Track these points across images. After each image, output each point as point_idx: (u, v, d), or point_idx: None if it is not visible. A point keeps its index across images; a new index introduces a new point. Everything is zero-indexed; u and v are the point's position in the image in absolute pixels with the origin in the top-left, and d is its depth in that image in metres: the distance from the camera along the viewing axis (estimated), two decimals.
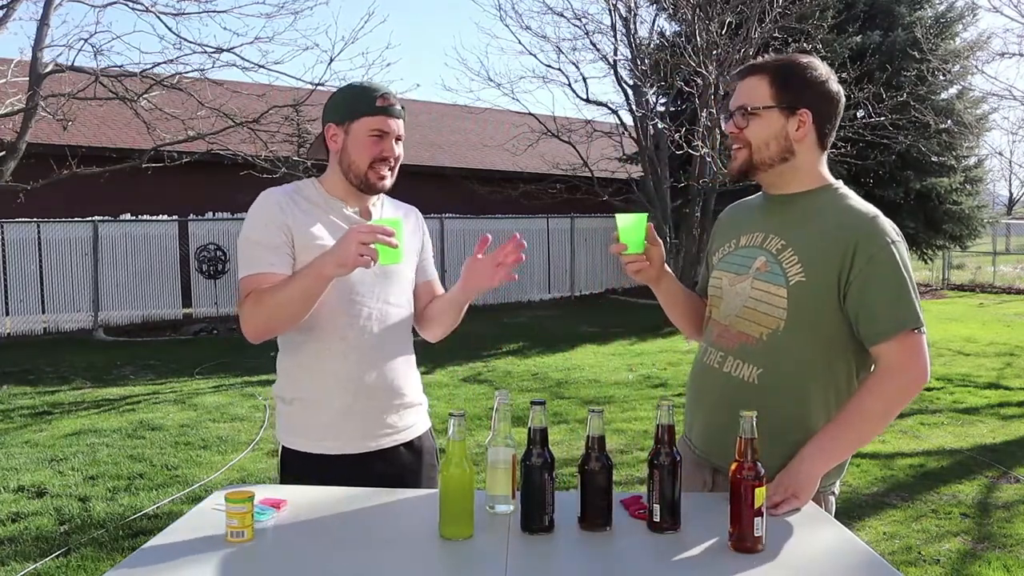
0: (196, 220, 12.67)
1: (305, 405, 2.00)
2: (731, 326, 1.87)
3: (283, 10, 10.36)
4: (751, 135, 1.81)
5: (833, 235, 1.75)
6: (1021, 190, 43.44)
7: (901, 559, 3.71)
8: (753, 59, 2.12)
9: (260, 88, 10.76)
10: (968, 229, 16.27)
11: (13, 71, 8.99)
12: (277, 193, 2.00)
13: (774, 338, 1.79)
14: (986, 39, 15.71)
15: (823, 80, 1.81)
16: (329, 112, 2.02)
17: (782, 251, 1.81)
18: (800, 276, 1.76)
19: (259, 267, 1.92)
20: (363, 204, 2.06)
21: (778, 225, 1.85)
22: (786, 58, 1.85)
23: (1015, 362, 8.90)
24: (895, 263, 1.71)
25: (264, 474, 5.06)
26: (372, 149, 1.96)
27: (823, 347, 1.78)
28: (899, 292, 1.71)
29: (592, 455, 1.58)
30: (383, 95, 1.96)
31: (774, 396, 1.77)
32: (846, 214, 1.78)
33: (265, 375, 8.20)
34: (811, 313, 1.76)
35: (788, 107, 1.78)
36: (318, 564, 1.47)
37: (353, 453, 1.99)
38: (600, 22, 18.06)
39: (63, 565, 3.69)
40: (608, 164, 15.80)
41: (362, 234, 1.74)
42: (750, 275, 1.85)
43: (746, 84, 1.82)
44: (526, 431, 1.60)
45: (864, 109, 12.80)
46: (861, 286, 1.71)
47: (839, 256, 1.73)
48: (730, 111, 1.85)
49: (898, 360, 1.72)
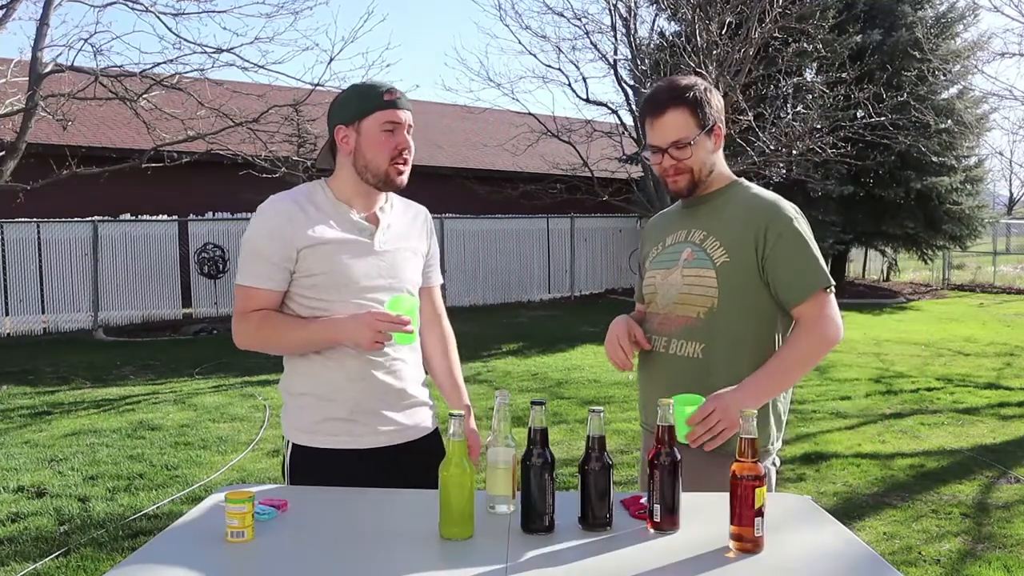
0: (196, 220, 12.67)
1: (313, 400, 2.00)
2: (670, 313, 2.05)
3: (283, 10, 10.37)
4: (692, 162, 2.02)
5: (745, 219, 2.00)
6: (1021, 190, 43.45)
7: (901, 559, 3.71)
8: (753, 59, 2.17)
9: (260, 88, 10.77)
10: (968, 229, 16.25)
11: (13, 71, 8.99)
12: (286, 201, 1.98)
13: (711, 315, 1.98)
14: (986, 39, 15.73)
15: (715, 94, 2.04)
16: (336, 114, 2.00)
17: (705, 239, 2.03)
18: (724, 257, 1.98)
19: (255, 280, 1.95)
20: (371, 207, 2.04)
21: (698, 221, 2.08)
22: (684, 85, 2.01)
23: (1015, 362, 8.90)
24: (800, 236, 1.97)
25: (264, 474, 5.06)
26: (388, 143, 1.94)
27: (755, 320, 1.99)
28: (807, 259, 1.97)
29: (592, 455, 1.58)
30: (389, 89, 1.96)
31: (716, 368, 1.97)
32: (754, 201, 2.04)
33: (265, 375, 8.20)
34: (739, 288, 1.97)
35: (708, 129, 2.01)
36: (318, 564, 1.47)
37: (360, 449, 1.99)
38: (600, 22, 18.04)
39: (63, 565, 3.69)
40: (608, 164, 15.79)
41: (380, 323, 1.84)
42: (679, 266, 2.05)
43: (669, 120, 1.99)
44: (526, 431, 1.60)
45: (864, 109, 12.81)
46: (775, 259, 1.96)
47: (753, 237, 1.97)
48: (659, 148, 2.01)
49: (813, 315, 1.95)
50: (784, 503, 1.78)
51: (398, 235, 2.06)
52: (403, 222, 2.11)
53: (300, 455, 2.01)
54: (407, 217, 2.13)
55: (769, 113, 11.85)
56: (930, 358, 9.15)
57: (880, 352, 9.48)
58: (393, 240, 2.04)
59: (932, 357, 9.22)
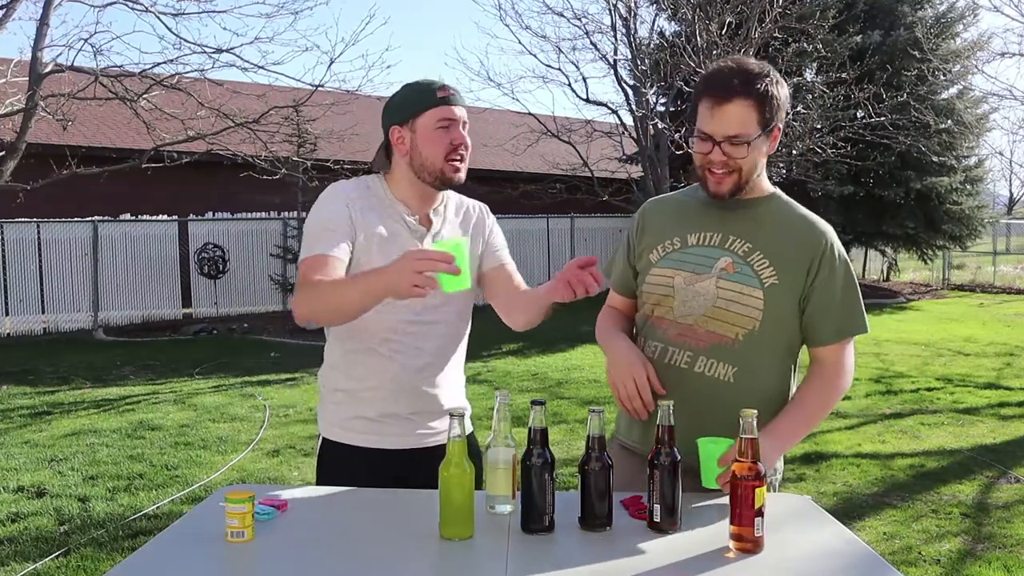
0: (196, 220, 12.67)
1: (347, 397, 2.01)
2: (698, 325, 1.85)
3: (283, 10, 10.40)
4: (744, 163, 1.80)
5: (798, 241, 1.86)
6: (1021, 190, 43.44)
7: (901, 559, 3.71)
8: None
9: (260, 88, 10.77)
10: (968, 229, 16.25)
11: (13, 71, 9.00)
12: (347, 186, 1.99)
13: (750, 338, 1.83)
14: (986, 39, 15.72)
15: (784, 87, 1.82)
16: (390, 116, 1.98)
17: (750, 253, 1.85)
18: (774, 279, 1.83)
19: (319, 249, 1.88)
20: (426, 208, 2.01)
21: (735, 228, 1.88)
22: (758, 74, 1.77)
23: (1015, 362, 8.90)
24: (851, 274, 1.88)
25: (264, 474, 5.05)
26: (443, 139, 1.92)
27: (786, 349, 1.90)
28: (855, 301, 1.88)
29: (592, 455, 1.58)
30: (442, 87, 1.95)
31: (748, 395, 1.79)
32: (804, 223, 1.89)
33: (265, 375, 8.21)
34: (782, 315, 1.84)
35: (769, 130, 1.80)
36: (318, 564, 1.47)
37: (390, 449, 1.99)
38: (600, 22, 18.03)
39: (63, 565, 3.69)
40: (608, 164, 15.80)
41: (418, 262, 1.59)
42: (713, 275, 1.85)
43: (734, 110, 1.75)
44: (526, 431, 1.60)
45: (864, 109, 12.81)
46: (823, 292, 1.84)
47: (807, 263, 1.84)
48: (713, 139, 1.77)
49: (834, 361, 1.87)
50: (784, 503, 1.78)
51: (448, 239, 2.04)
52: (454, 224, 2.08)
53: (331, 450, 2.03)
54: (459, 219, 2.10)
55: None
56: (930, 358, 9.15)
57: (880, 352, 9.48)
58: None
59: (932, 357, 9.22)
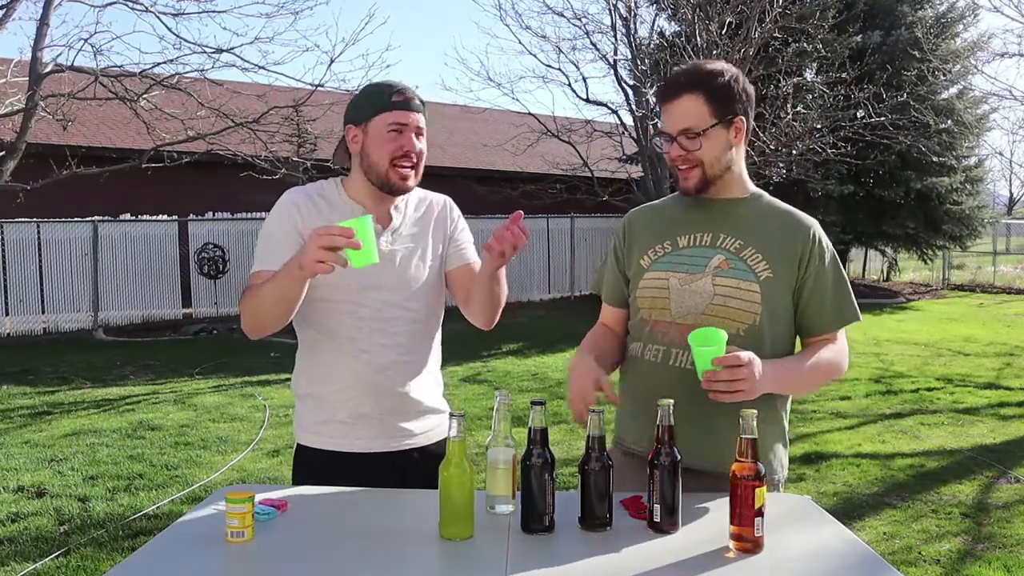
0: (196, 220, 12.66)
1: (317, 402, 2.00)
2: (698, 324, 1.81)
3: (283, 10, 10.39)
4: (702, 155, 1.85)
5: (785, 235, 1.89)
6: (1021, 190, 43.50)
7: (901, 559, 3.71)
8: (753, 59, 2.10)
9: (260, 88, 10.77)
10: (968, 229, 16.26)
11: (13, 71, 9.00)
12: (298, 193, 2.00)
13: (752, 332, 1.83)
14: (986, 39, 15.74)
15: (743, 82, 1.89)
16: (349, 114, 1.99)
17: (742, 249, 1.87)
18: (768, 272, 1.85)
19: (257, 265, 1.93)
20: (383, 209, 2.01)
21: (723, 227, 1.91)
22: (707, 71, 1.86)
23: (1014, 362, 8.90)
24: (839, 266, 1.92)
25: (264, 474, 5.05)
26: (391, 144, 1.91)
27: (785, 340, 1.91)
28: (846, 292, 1.92)
29: (592, 455, 1.58)
30: (399, 90, 1.94)
31: None
32: (790, 217, 1.93)
33: (264, 375, 8.20)
34: (779, 307, 1.87)
35: (726, 120, 1.85)
36: (318, 564, 1.47)
37: (363, 453, 1.97)
38: (600, 22, 18.04)
39: (63, 565, 3.69)
40: (608, 164, 15.79)
41: (320, 238, 1.65)
42: (708, 273, 1.87)
43: (681, 105, 1.84)
44: (526, 431, 1.60)
45: (864, 109, 12.81)
46: (816, 285, 1.88)
47: (797, 256, 1.87)
48: (670, 135, 1.86)
49: (839, 348, 1.93)
50: (784, 503, 1.78)
51: (407, 236, 2.04)
52: (414, 220, 2.07)
53: (304, 455, 2.01)
54: (419, 214, 2.09)
55: (769, 113, 11.84)
56: (930, 358, 9.15)
57: (880, 352, 9.48)
58: (401, 241, 2.02)
59: (932, 357, 9.22)
